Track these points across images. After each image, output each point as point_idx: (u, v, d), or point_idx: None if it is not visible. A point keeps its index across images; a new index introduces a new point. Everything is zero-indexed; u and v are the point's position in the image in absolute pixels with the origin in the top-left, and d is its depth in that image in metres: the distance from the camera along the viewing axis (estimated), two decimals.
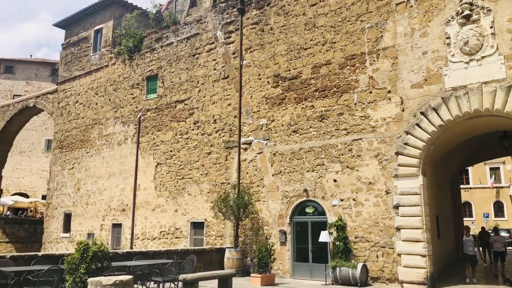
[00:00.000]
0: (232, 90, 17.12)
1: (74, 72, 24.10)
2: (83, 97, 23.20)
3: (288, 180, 14.83)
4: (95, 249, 7.96)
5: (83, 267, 7.69)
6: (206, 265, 14.46)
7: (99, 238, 20.38)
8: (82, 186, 22.01)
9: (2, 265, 8.55)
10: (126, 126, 20.71)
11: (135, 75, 20.96)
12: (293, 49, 15.61)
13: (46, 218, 23.93)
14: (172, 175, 18.37)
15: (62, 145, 23.77)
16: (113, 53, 22.22)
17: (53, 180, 23.92)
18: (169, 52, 19.75)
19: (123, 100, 21.13)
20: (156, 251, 13.34)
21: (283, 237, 14.72)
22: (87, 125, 22.57)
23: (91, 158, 21.90)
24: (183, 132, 18.39)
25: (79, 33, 24.37)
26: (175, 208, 17.95)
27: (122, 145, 20.63)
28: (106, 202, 20.68)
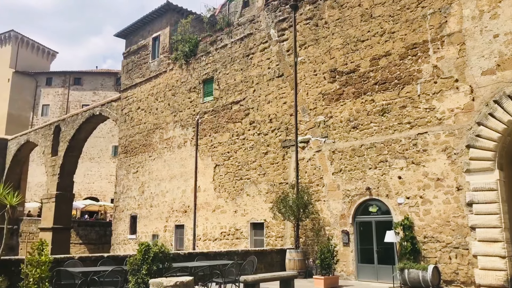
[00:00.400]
0: (287, 88, 16.83)
1: (135, 79, 25.03)
2: (144, 103, 24.01)
3: (349, 179, 14.27)
4: (156, 250, 8.02)
5: (145, 268, 7.78)
6: (267, 267, 14.27)
7: (163, 239, 20.95)
8: (146, 189, 22.75)
9: (70, 265, 8.90)
10: (185, 129, 21.12)
11: (191, 79, 21.33)
12: (349, 42, 15.02)
13: (114, 221, 25.03)
14: (230, 176, 18.42)
15: (127, 150, 24.76)
16: (171, 59, 22.79)
17: (119, 183, 24.98)
18: (224, 54, 19.87)
19: (181, 104, 21.58)
20: (217, 252, 13.36)
21: (346, 237, 14.18)
22: (148, 130, 23.32)
23: (154, 161, 22.59)
24: (239, 133, 18.38)
25: (138, 41, 25.29)
26: (235, 209, 17.97)
27: (182, 148, 21.06)
28: (168, 204, 21.21)
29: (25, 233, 37.37)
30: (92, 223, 37.72)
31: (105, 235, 34.98)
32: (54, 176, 30.78)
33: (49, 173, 31.42)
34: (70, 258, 9.12)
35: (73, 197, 32.86)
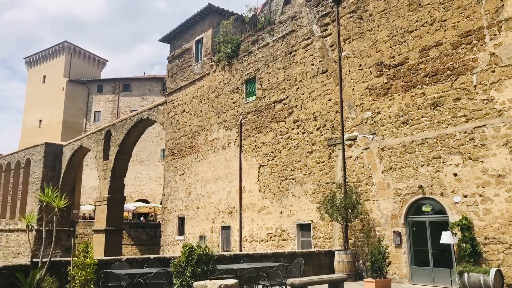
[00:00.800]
0: (332, 84, 16.32)
1: (180, 83, 25.39)
2: (189, 105, 24.28)
3: (400, 177, 13.56)
4: (199, 252, 7.89)
5: (189, 271, 7.67)
6: (315, 269, 13.85)
7: (210, 240, 21.03)
8: (193, 190, 22.97)
9: (117, 267, 8.97)
10: (228, 130, 21.10)
11: (234, 79, 21.29)
12: (396, 34, 14.31)
13: (163, 222, 25.48)
14: (275, 177, 18.15)
15: (173, 152, 25.15)
16: (213, 60, 22.88)
17: (167, 185, 25.41)
18: (266, 53, 19.64)
19: (225, 105, 21.59)
20: (263, 254, 13.12)
21: (398, 238, 13.47)
22: (193, 132, 23.54)
23: (199, 163, 22.76)
24: (283, 132, 18.07)
25: (182, 45, 25.63)
26: (280, 209, 17.67)
27: (226, 149, 21.05)
28: (214, 205, 21.27)
29: (80, 234, 39.02)
30: (143, 225, 38.76)
31: (155, 237, 35.82)
32: (106, 179, 31.89)
33: (101, 177, 32.59)
34: (117, 260, 9.21)
35: (124, 199, 33.88)
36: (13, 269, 7.31)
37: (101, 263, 9.06)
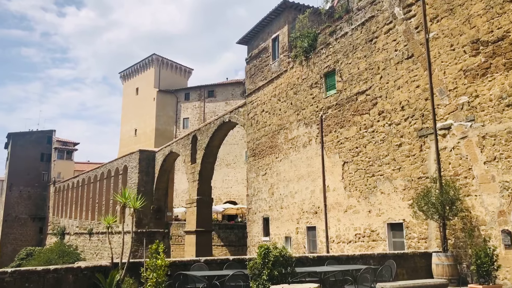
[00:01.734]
0: (419, 70, 14.83)
1: (258, 83, 25.23)
2: (268, 105, 23.99)
3: (507, 168, 11.76)
4: (276, 253, 7.35)
5: (265, 273, 7.16)
6: (409, 272, 12.56)
7: (296, 242, 20.44)
8: (275, 191, 22.58)
9: (196, 268, 8.78)
10: (309, 127, 20.37)
11: (312, 74, 20.52)
12: (493, 5, 12.50)
13: (248, 223, 25.47)
14: (361, 173, 17.01)
15: (255, 153, 25.05)
16: (290, 57, 22.33)
17: (250, 186, 25.36)
18: (344, 43, 18.60)
19: (304, 102, 20.90)
20: (349, 256, 12.20)
21: (508, 238, 11.68)
22: (273, 131, 23.19)
23: (280, 162, 22.32)
24: (367, 126, 16.88)
25: (259, 45, 25.47)
26: (368, 208, 16.50)
27: (307, 147, 20.33)
28: (298, 205, 20.65)
29: (174, 236, 40.86)
30: (231, 226, 39.44)
31: (243, 237, 36.07)
32: (194, 182, 32.94)
33: (190, 180, 33.73)
34: (196, 261, 9.04)
35: (212, 201, 34.69)
36: (94, 270, 7.43)
37: (180, 264, 8.96)
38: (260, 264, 7.26)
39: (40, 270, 6.87)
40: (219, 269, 9.16)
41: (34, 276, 6.77)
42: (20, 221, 65.48)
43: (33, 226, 66.43)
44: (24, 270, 6.71)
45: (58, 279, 6.96)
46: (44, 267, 7.01)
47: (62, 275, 7.05)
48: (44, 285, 6.78)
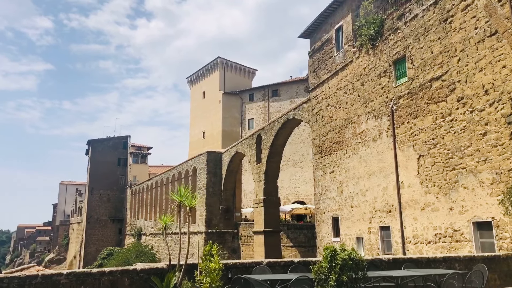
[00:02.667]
0: (505, 48, 13.04)
1: (322, 76, 24.20)
2: (333, 99, 22.88)
3: None
4: (344, 256, 6.49)
5: (333, 279, 6.33)
6: (503, 277, 10.99)
7: (368, 242, 19.17)
8: (345, 189, 21.42)
9: (258, 272, 8.15)
10: (378, 119, 19.00)
11: (380, 63, 19.13)
12: None
13: (317, 223, 24.50)
14: (439, 167, 15.42)
15: (321, 150, 24.03)
16: (355, 46, 21.07)
17: (318, 185, 24.38)
18: (415, 27, 17.06)
19: (372, 93, 19.56)
20: (430, 258, 10.90)
21: None
22: (340, 126, 22.04)
23: (349, 159, 21.13)
24: (445, 114, 15.26)
25: (322, 37, 24.44)
26: (449, 205, 14.88)
27: (378, 141, 18.97)
28: (370, 203, 19.35)
29: (243, 236, 40.83)
30: (300, 226, 38.54)
31: (313, 238, 35.09)
32: (260, 182, 32.56)
33: (256, 180, 33.41)
34: (258, 264, 8.41)
35: (279, 201, 34.07)
36: (150, 272, 7.08)
37: (241, 266, 8.39)
38: (327, 268, 6.46)
39: (95, 272, 6.65)
40: (283, 272, 8.45)
41: (90, 279, 6.55)
42: (101, 223, 69.70)
43: (113, 227, 70.38)
44: (79, 272, 6.52)
45: (114, 281, 6.69)
46: (99, 269, 6.79)
47: (117, 277, 6.78)
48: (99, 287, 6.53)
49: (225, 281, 7.26)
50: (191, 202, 7.36)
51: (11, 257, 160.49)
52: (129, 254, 45.37)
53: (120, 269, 6.92)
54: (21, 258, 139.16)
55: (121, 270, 6.89)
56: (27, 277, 5.96)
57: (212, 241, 8.24)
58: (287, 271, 8.67)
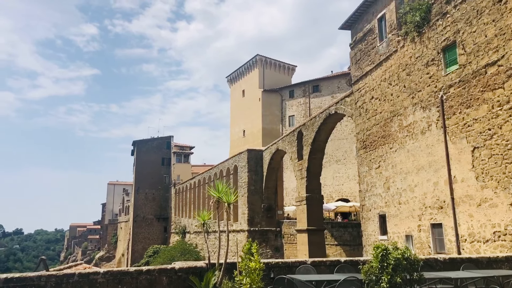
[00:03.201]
0: None
1: (365, 68, 23.26)
2: (377, 91, 21.91)
3: None
4: (397, 255, 5.88)
5: (385, 280, 5.75)
6: None
7: (418, 241, 18.15)
8: (392, 185, 20.44)
9: (302, 272, 7.67)
10: (427, 110, 17.92)
11: (427, 50, 18.03)
12: None
13: (363, 221, 23.61)
14: (497, 160, 14.25)
15: (365, 144, 23.11)
16: (400, 35, 20.03)
17: (363, 181, 23.48)
18: (466, 9, 15.89)
19: (419, 83, 18.49)
20: (491, 258, 9.98)
21: None
22: (385, 119, 21.06)
23: (396, 153, 20.13)
24: (502, 102, 14.07)
25: (364, 27, 23.50)
26: (509, 201, 13.70)
27: (426, 133, 17.90)
28: (419, 199, 18.31)
29: (286, 234, 40.33)
30: (344, 224, 37.57)
31: (358, 236, 34.11)
32: (302, 179, 31.94)
33: (298, 177, 32.81)
34: (302, 263, 7.92)
35: (322, 198, 33.29)
36: (188, 271, 6.79)
37: (284, 266, 7.94)
38: (378, 269, 5.88)
39: (132, 271, 6.42)
40: (329, 272, 7.92)
41: (127, 278, 6.34)
42: (147, 221, 71.42)
43: (158, 226, 71.94)
44: (116, 271, 6.32)
45: (151, 281, 6.45)
46: (137, 268, 6.57)
47: (155, 276, 6.53)
48: (137, 287, 6.30)
49: (267, 281, 6.85)
50: (229, 198, 7.00)
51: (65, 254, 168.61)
52: (174, 252, 46.07)
53: (158, 268, 6.67)
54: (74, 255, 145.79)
55: (158, 269, 6.64)
56: (64, 275, 5.82)
57: (255, 240, 7.82)
58: (333, 271, 8.13)
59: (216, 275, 6.71)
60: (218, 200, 7.12)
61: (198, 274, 6.71)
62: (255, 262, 5.64)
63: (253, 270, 5.53)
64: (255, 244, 6.12)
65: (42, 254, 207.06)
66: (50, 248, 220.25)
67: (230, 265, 7.27)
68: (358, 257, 8.60)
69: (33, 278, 5.67)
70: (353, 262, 8.33)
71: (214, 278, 6.64)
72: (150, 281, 6.43)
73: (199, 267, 6.96)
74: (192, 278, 6.51)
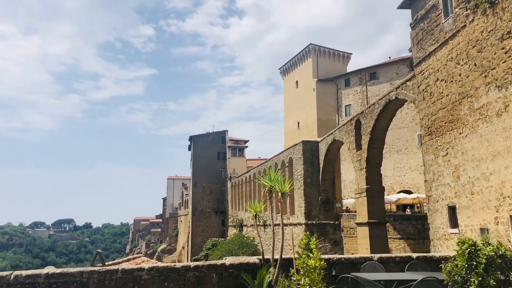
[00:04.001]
0: None
1: (428, 48, 21.46)
2: (443, 72, 20.10)
3: None
4: (489, 252, 4.84)
5: (475, 282, 4.74)
6: None
7: (495, 234, 16.38)
8: (462, 173, 18.67)
9: (369, 269, 6.76)
10: (503, 90, 16.04)
11: (502, 23, 16.11)
12: None
13: (429, 213, 21.92)
14: None
15: (430, 131, 21.37)
16: (468, 8, 18.13)
17: (428, 170, 21.76)
18: None
19: (493, 60, 16.60)
20: None
21: None
22: (453, 103, 19.26)
23: (466, 139, 18.33)
24: None
25: (425, 4, 21.67)
26: None
27: (503, 115, 16.03)
28: (495, 189, 16.50)
29: (345, 228, 38.99)
30: (408, 217, 35.55)
31: (423, 229, 32.13)
32: (361, 170, 30.50)
33: (357, 168, 31.40)
34: (368, 259, 7.01)
35: (383, 190, 31.64)
36: (240, 268, 6.14)
37: (347, 262, 7.08)
38: (464, 268, 4.87)
39: (179, 267, 5.88)
40: (399, 270, 6.94)
41: (174, 274, 5.81)
42: (205, 215, 72.65)
43: (216, 219, 72.95)
44: (162, 267, 5.81)
45: (200, 278, 5.87)
46: (184, 264, 6.02)
47: (204, 273, 5.95)
48: (184, 284, 5.75)
49: (329, 280, 6.04)
50: (283, 187, 6.26)
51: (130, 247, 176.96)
52: (232, 245, 46.28)
53: (207, 264, 6.09)
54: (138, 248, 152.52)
55: (207, 265, 6.05)
56: (107, 271, 5.40)
57: (312, 233, 6.98)
58: (404, 268, 7.14)
59: (271, 272, 6.01)
60: (270, 189, 6.40)
61: (251, 271, 6.05)
62: (315, 260, 4.83)
63: (313, 268, 4.73)
64: (314, 238, 5.32)
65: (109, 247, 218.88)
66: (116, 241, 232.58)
67: (287, 261, 6.54)
68: (433, 253, 7.52)
69: (75, 274, 5.30)
70: (427, 258, 7.28)
71: (269, 275, 5.95)
72: (198, 279, 5.86)
73: (252, 263, 6.29)
74: (244, 276, 5.86)
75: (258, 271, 5.93)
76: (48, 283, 5.22)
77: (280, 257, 6.11)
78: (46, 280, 5.21)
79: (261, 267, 6.12)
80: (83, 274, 5.38)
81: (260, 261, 6.32)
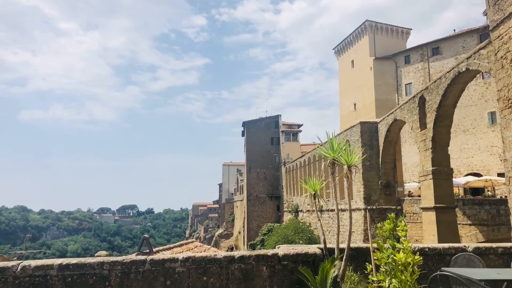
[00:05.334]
0: None
1: (507, 8, 18.71)
2: None
3: None
4: None
5: None
6: None
7: None
8: None
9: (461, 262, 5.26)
10: None
11: None
12: None
13: (510, 196, 19.41)
14: None
15: (510, 104, 18.76)
16: None
17: (509, 148, 19.20)
18: None
19: None
20: None
21: None
22: None
23: None
24: None
25: None
26: None
27: None
28: None
29: (408, 213, 36.56)
30: (479, 201, 32.53)
31: (498, 215, 29.20)
32: (426, 151, 28.05)
33: (421, 149, 28.95)
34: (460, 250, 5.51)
35: (452, 172, 28.98)
36: (297, 259, 4.91)
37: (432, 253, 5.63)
38: None
39: (221, 257, 4.74)
40: (503, 265, 5.39)
41: (214, 266, 4.72)
42: (260, 200, 72.22)
43: (271, 204, 72.30)
44: (199, 258, 4.68)
45: (247, 271, 4.74)
46: (227, 253, 4.91)
47: (252, 265, 4.80)
48: (227, 279, 4.64)
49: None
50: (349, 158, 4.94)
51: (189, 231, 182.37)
52: (288, 231, 45.32)
53: (255, 254, 4.91)
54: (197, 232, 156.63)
55: (256, 255, 4.87)
56: (132, 262, 4.42)
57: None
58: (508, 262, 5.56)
59: (336, 265, 4.74)
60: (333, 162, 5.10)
61: (310, 264, 4.83)
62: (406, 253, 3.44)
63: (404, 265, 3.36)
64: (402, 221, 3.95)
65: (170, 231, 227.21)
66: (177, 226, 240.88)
67: (354, 251, 5.23)
68: None
69: (94, 266, 4.37)
70: None
71: (334, 269, 4.69)
72: (244, 272, 4.74)
73: (312, 253, 5.05)
74: (302, 270, 4.65)
75: (319, 264, 4.70)
76: (62, 276, 4.36)
77: (348, 247, 4.82)
78: (59, 273, 4.35)
79: (323, 258, 4.88)
80: (104, 265, 4.43)
81: (322, 251, 5.06)
